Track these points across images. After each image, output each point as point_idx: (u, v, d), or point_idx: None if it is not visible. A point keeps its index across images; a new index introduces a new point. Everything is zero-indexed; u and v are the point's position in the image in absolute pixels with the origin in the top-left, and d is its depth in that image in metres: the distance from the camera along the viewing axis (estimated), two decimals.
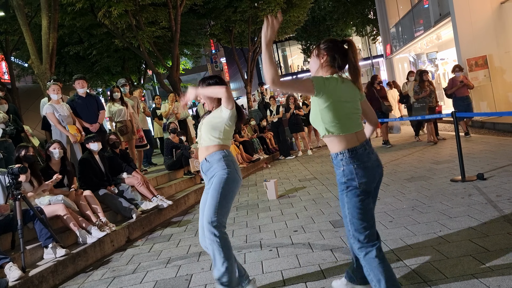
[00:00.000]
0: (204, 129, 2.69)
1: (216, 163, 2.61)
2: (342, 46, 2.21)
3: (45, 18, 8.47)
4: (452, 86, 8.61)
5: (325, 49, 2.21)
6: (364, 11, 22.92)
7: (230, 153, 2.69)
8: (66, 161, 4.84)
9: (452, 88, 8.60)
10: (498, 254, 2.69)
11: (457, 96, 8.55)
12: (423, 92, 8.09)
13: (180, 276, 3.28)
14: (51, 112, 5.47)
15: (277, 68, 2.09)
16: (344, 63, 2.19)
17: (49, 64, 8.43)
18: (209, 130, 2.66)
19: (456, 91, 8.54)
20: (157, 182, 6.46)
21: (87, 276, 3.67)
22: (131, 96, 7.58)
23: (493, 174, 4.84)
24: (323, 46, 2.23)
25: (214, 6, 16.18)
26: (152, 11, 12.67)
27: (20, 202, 3.60)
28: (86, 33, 15.42)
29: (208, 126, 2.67)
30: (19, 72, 17.87)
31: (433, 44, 14.96)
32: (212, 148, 2.65)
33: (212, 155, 2.63)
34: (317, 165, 8.09)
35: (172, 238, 4.49)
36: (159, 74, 14.71)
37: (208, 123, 2.69)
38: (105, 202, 4.88)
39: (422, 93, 8.11)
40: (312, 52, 2.34)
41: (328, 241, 3.51)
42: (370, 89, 8.78)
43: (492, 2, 10.84)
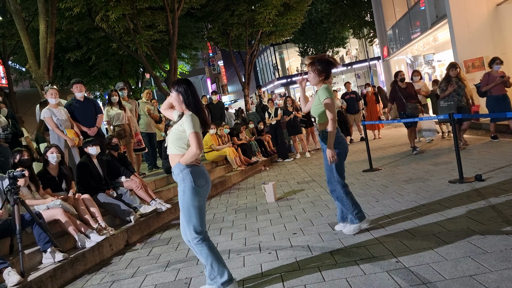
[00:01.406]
0: (171, 138, 2.75)
1: (177, 176, 2.74)
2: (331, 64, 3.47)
3: (43, 23, 8.48)
4: (488, 82, 7.29)
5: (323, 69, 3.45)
6: (361, 13, 23.00)
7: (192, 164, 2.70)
8: (64, 165, 4.84)
9: (488, 84, 7.27)
10: (497, 255, 2.69)
11: (494, 94, 7.25)
12: (449, 87, 6.97)
13: (179, 280, 3.28)
14: (49, 116, 5.46)
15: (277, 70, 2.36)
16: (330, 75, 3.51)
17: (46, 68, 8.43)
18: (175, 140, 2.72)
19: (493, 89, 7.24)
20: (156, 186, 6.45)
21: (86, 280, 3.65)
22: (129, 100, 7.57)
23: (491, 175, 4.85)
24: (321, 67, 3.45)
25: (211, 9, 16.22)
26: (149, 14, 12.70)
27: (18, 206, 3.59)
28: (84, 37, 15.43)
29: (174, 136, 2.73)
30: (17, 76, 17.86)
31: (430, 46, 15.03)
32: (177, 158, 2.73)
33: (176, 166, 2.73)
34: (316, 168, 8.09)
35: (171, 242, 4.48)
36: (156, 77, 14.72)
37: (174, 132, 2.74)
38: (103, 206, 4.87)
39: (449, 88, 6.98)
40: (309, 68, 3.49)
41: (327, 244, 3.51)
42: (394, 87, 7.54)
43: (488, 4, 10.90)
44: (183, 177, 2.70)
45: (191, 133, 2.61)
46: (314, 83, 3.54)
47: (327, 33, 28.66)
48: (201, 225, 2.73)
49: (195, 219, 2.70)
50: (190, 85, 2.76)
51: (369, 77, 33.59)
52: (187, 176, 2.68)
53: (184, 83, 2.74)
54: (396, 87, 7.51)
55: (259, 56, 39.41)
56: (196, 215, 2.70)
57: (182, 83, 2.74)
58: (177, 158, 2.72)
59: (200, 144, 2.62)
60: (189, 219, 2.71)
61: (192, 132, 2.60)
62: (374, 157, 7.51)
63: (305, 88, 3.69)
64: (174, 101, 2.76)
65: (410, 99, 7.41)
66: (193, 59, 20.96)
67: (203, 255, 2.75)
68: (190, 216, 2.71)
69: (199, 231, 2.72)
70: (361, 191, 5.29)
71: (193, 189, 2.68)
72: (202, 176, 2.73)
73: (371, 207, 4.43)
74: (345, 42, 30.97)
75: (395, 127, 14.07)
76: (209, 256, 2.73)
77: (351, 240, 3.50)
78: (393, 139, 10.55)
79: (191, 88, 2.75)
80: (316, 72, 3.48)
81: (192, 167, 2.70)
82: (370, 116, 11.33)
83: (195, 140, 2.59)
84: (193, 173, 2.69)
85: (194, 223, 2.71)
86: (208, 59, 49.90)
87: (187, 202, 2.70)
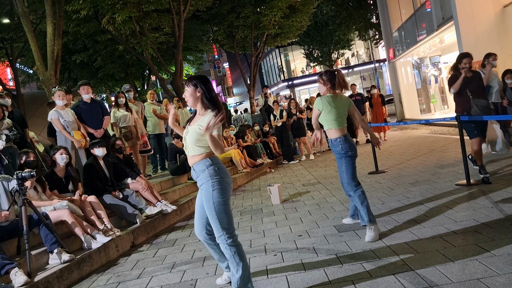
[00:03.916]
0: (189, 139, 2.64)
1: (201, 173, 2.61)
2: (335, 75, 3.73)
3: (50, 25, 8.56)
4: None
5: (328, 79, 3.73)
6: (367, 15, 22.95)
7: (215, 160, 2.63)
8: (71, 166, 4.87)
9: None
10: (505, 258, 2.67)
11: None
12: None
13: (185, 281, 3.28)
14: (56, 118, 5.50)
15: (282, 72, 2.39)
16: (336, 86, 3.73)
17: (54, 70, 8.51)
18: (194, 140, 2.61)
19: None
20: (161, 187, 6.47)
21: (92, 281, 3.67)
22: (135, 102, 7.60)
23: (499, 178, 4.81)
24: (326, 77, 3.74)
25: (217, 11, 16.28)
26: (155, 17, 12.78)
27: (26, 207, 3.62)
28: (91, 40, 15.55)
29: (193, 136, 2.62)
30: (24, 78, 18.02)
31: (436, 48, 14.95)
32: (198, 158, 2.62)
33: (197, 165, 2.62)
34: (321, 170, 8.08)
35: (177, 243, 4.49)
36: (162, 79, 14.79)
37: (193, 132, 2.62)
38: (109, 207, 4.89)
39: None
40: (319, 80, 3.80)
41: (333, 246, 3.50)
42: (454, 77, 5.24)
43: (495, 5, 10.83)
44: (209, 173, 2.57)
45: (218, 135, 2.53)
46: (322, 92, 3.83)
47: (333, 35, 28.65)
48: (232, 223, 2.61)
49: (226, 218, 2.57)
50: (208, 81, 2.68)
51: (374, 79, 33.50)
52: (214, 172, 2.57)
53: (202, 78, 2.66)
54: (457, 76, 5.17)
55: (265, 58, 39.46)
56: (227, 213, 2.58)
57: (200, 78, 2.65)
58: (196, 158, 2.62)
59: (221, 146, 2.54)
60: (220, 218, 2.56)
61: (218, 134, 2.53)
62: (380, 160, 7.48)
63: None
64: (189, 97, 2.65)
65: (479, 95, 5.14)
66: (199, 61, 21.03)
67: (235, 259, 2.60)
68: (221, 214, 2.56)
69: (231, 230, 2.60)
70: (367, 193, 5.23)
71: (223, 185, 2.57)
72: (227, 174, 2.65)
73: (377, 209, 4.41)
74: (350, 44, 30.94)
75: (401, 129, 14.01)
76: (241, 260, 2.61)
77: (357, 242, 3.48)
78: (399, 141, 10.50)
79: (209, 84, 2.67)
80: (322, 82, 3.79)
81: (217, 163, 2.61)
82: (376, 118, 11.29)
83: (213, 144, 2.50)
84: (220, 169, 2.60)
85: (226, 221, 2.58)
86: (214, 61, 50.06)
87: (217, 199, 2.56)
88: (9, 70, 18.77)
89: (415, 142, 9.60)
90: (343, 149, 3.64)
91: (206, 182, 2.59)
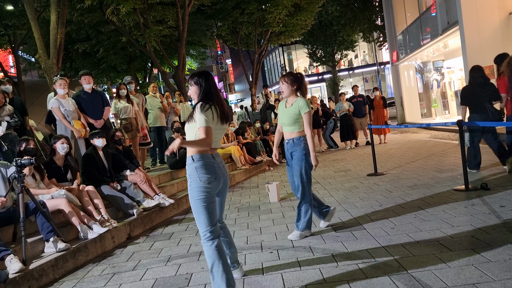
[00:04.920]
0: (187, 135, 2.71)
1: (186, 167, 2.66)
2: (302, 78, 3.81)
3: (54, 13, 8.52)
4: None
5: (295, 80, 3.73)
6: (372, 17, 22.90)
7: (199, 158, 2.61)
8: (70, 156, 4.86)
9: None
10: (501, 264, 2.67)
11: None
12: None
13: (180, 275, 3.28)
14: (57, 106, 5.49)
15: None
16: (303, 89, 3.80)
17: (56, 59, 8.48)
18: (191, 137, 2.66)
19: None
20: (160, 181, 6.46)
21: (87, 271, 3.67)
22: (136, 94, 7.59)
23: (497, 185, 4.81)
24: (293, 78, 3.73)
25: (222, 7, 16.24)
26: (160, 10, 12.74)
27: (23, 195, 3.61)
28: (94, 30, 15.51)
29: (189, 132, 2.68)
30: (26, 66, 17.97)
31: (439, 53, 14.93)
32: (189, 152, 2.64)
33: (188, 158, 2.65)
34: (320, 170, 8.07)
35: (173, 237, 4.48)
36: (164, 73, 14.76)
37: (188, 129, 2.68)
38: (107, 198, 4.89)
39: None
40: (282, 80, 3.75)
41: (329, 245, 3.50)
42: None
43: (501, 12, 10.81)
44: (189, 172, 2.62)
45: (200, 128, 2.55)
46: (287, 93, 3.76)
47: (337, 35, 28.60)
48: (211, 222, 2.60)
49: (203, 216, 2.59)
50: (210, 76, 2.70)
51: (377, 81, 33.49)
52: (193, 171, 2.60)
53: (204, 74, 2.69)
54: None
55: (268, 56, 39.40)
56: (204, 211, 2.59)
57: (202, 74, 2.69)
58: (189, 152, 2.65)
59: (204, 143, 2.53)
60: (198, 216, 2.62)
61: (202, 126, 2.54)
62: (379, 162, 7.47)
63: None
64: (194, 94, 2.69)
65: None
66: (202, 56, 20.99)
67: (207, 254, 2.62)
68: (198, 212, 2.61)
69: (208, 228, 2.60)
70: (365, 195, 5.27)
71: (199, 185, 2.58)
72: (210, 172, 2.60)
73: (374, 211, 4.41)
74: (354, 45, 30.90)
75: (401, 132, 14.01)
76: (212, 258, 2.59)
77: (353, 243, 3.48)
78: (398, 144, 10.50)
79: (211, 79, 2.69)
80: (288, 82, 3.73)
81: (198, 160, 2.60)
82: (376, 120, 11.28)
83: (204, 133, 2.53)
84: (200, 168, 2.59)
85: (203, 219, 2.59)
86: (216, 57, 49.98)
87: (194, 198, 2.60)
88: (11, 57, 18.71)
89: (415, 146, 9.60)
90: (304, 148, 3.71)
91: (188, 180, 2.65)
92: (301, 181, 3.73)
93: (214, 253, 2.59)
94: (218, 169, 2.68)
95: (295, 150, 3.74)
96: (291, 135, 3.77)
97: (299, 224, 3.81)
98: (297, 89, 3.75)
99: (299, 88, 3.76)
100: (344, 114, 11.11)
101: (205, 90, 2.65)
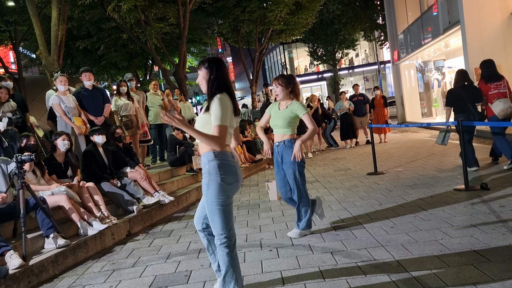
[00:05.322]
0: (197, 125, 2.48)
1: (203, 166, 2.44)
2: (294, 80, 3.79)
3: (55, 10, 8.52)
4: None
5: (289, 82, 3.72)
6: (373, 16, 22.85)
7: (220, 155, 2.39)
8: (71, 152, 4.86)
9: None
10: (500, 264, 2.67)
11: None
12: None
13: (180, 272, 3.29)
14: (58, 103, 5.49)
15: None
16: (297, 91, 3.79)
17: (57, 55, 8.47)
18: (202, 126, 2.44)
19: None
20: (160, 178, 6.47)
21: (87, 267, 3.68)
22: (137, 91, 7.58)
23: (497, 185, 4.82)
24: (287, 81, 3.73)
25: (223, 5, 16.22)
26: (161, 7, 12.72)
27: (23, 191, 3.62)
28: (95, 27, 15.50)
29: (201, 121, 2.46)
30: (27, 62, 17.96)
31: (440, 52, 14.91)
32: (203, 148, 2.43)
33: (203, 155, 2.44)
34: (320, 168, 8.08)
35: (173, 234, 4.49)
36: (165, 70, 14.74)
37: (200, 119, 2.47)
38: (107, 195, 4.89)
39: None
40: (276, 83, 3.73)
41: (329, 244, 3.51)
42: None
43: (502, 12, 10.79)
44: (209, 169, 2.39)
45: (215, 126, 2.32)
46: (282, 95, 3.75)
47: (338, 34, 28.55)
48: (226, 226, 2.42)
49: (219, 219, 2.40)
50: (223, 64, 2.49)
51: (377, 80, 33.46)
52: (213, 169, 2.37)
53: (217, 60, 2.48)
54: None
55: (268, 54, 39.36)
56: (220, 214, 2.40)
57: (214, 60, 2.47)
58: (203, 148, 2.43)
59: (223, 137, 2.32)
60: (212, 218, 2.42)
61: (217, 125, 2.31)
62: (379, 161, 7.48)
63: None
64: (202, 80, 2.47)
65: None
66: (202, 54, 20.98)
67: (221, 260, 2.47)
68: (213, 214, 2.41)
69: (222, 233, 2.42)
70: (365, 194, 5.27)
71: (219, 185, 2.36)
72: (231, 172, 2.40)
73: (374, 210, 4.42)
74: (355, 44, 30.85)
75: (401, 131, 14.01)
76: (225, 265, 2.45)
77: (353, 242, 3.49)
78: (399, 143, 10.50)
79: (224, 67, 2.47)
80: (283, 85, 3.72)
81: (221, 159, 2.38)
82: (377, 119, 11.28)
83: (218, 133, 2.31)
84: (221, 166, 2.37)
85: (218, 223, 2.41)
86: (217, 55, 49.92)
87: (211, 199, 2.39)
88: (12, 53, 18.69)
89: (415, 145, 9.60)
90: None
91: (204, 178, 2.44)
92: (296, 183, 3.72)
93: (229, 261, 2.45)
94: (238, 170, 2.48)
95: (287, 153, 3.72)
96: (282, 138, 3.75)
97: (300, 223, 3.82)
98: (291, 91, 3.74)
99: (293, 90, 3.75)
100: (344, 113, 11.10)
101: (217, 77, 2.43)
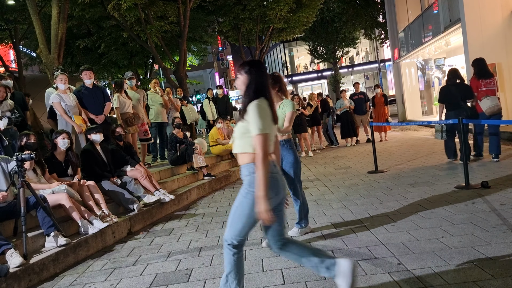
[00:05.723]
0: (237, 134, 2.35)
1: (244, 176, 2.33)
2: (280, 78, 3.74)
3: (55, 8, 8.50)
4: None
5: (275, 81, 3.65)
6: (374, 14, 22.79)
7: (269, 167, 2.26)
8: (71, 151, 4.86)
9: None
10: (501, 262, 2.67)
11: None
12: None
13: (180, 270, 3.29)
14: (58, 101, 5.48)
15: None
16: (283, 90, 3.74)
17: (57, 54, 8.46)
18: (240, 135, 2.32)
19: None
20: (160, 177, 6.47)
21: (87, 266, 3.68)
22: (137, 90, 7.58)
23: (498, 183, 4.81)
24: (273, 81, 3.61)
25: (223, 3, 16.18)
26: (161, 5, 12.70)
27: (24, 189, 3.62)
28: (95, 25, 15.48)
29: (240, 131, 2.32)
30: (27, 61, 17.95)
31: (441, 50, 14.88)
32: (245, 157, 2.32)
33: (245, 166, 2.32)
34: (320, 167, 8.07)
35: (173, 232, 4.49)
36: (165, 69, 14.73)
37: (240, 128, 2.33)
38: (107, 193, 4.89)
39: None
40: None
41: (330, 242, 3.51)
42: None
43: (503, 10, 10.76)
44: (249, 181, 2.28)
45: (257, 136, 2.17)
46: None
47: (338, 32, 28.51)
48: (244, 234, 2.36)
49: (241, 226, 2.32)
50: (263, 68, 2.36)
51: (378, 78, 33.42)
52: (254, 182, 2.24)
53: (257, 63, 2.37)
54: None
55: (269, 53, 39.32)
56: (245, 224, 2.32)
57: (255, 63, 2.35)
58: (245, 157, 2.31)
59: (267, 145, 2.17)
60: (233, 222, 2.35)
61: (258, 134, 2.17)
62: (380, 159, 7.47)
63: None
64: (242, 85, 2.34)
65: None
66: (203, 53, 20.96)
67: (226, 259, 2.41)
68: (237, 221, 2.33)
69: (237, 237, 2.35)
70: (365, 192, 5.27)
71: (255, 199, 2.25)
72: (272, 187, 2.25)
73: (374, 208, 4.41)
74: (356, 42, 30.80)
75: (402, 130, 14.00)
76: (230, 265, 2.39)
77: (353, 240, 3.49)
78: (399, 142, 10.49)
79: (264, 70, 2.35)
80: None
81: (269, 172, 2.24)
82: (377, 117, 11.27)
83: (260, 143, 2.16)
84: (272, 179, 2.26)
85: (238, 230, 2.33)
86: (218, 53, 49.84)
87: (244, 208, 2.29)
88: (12, 52, 18.68)
89: (415, 144, 9.59)
90: (293, 152, 3.74)
91: (243, 187, 2.34)
92: (293, 184, 3.74)
93: (233, 262, 2.39)
94: (281, 182, 2.36)
95: (284, 154, 3.73)
96: (280, 138, 3.75)
97: (301, 223, 3.83)
98: (278, 90, 3.70)
99: (280, 88, 3.71)
100: (345, 111, 11.09)
101: (257, 81, 2.30)
